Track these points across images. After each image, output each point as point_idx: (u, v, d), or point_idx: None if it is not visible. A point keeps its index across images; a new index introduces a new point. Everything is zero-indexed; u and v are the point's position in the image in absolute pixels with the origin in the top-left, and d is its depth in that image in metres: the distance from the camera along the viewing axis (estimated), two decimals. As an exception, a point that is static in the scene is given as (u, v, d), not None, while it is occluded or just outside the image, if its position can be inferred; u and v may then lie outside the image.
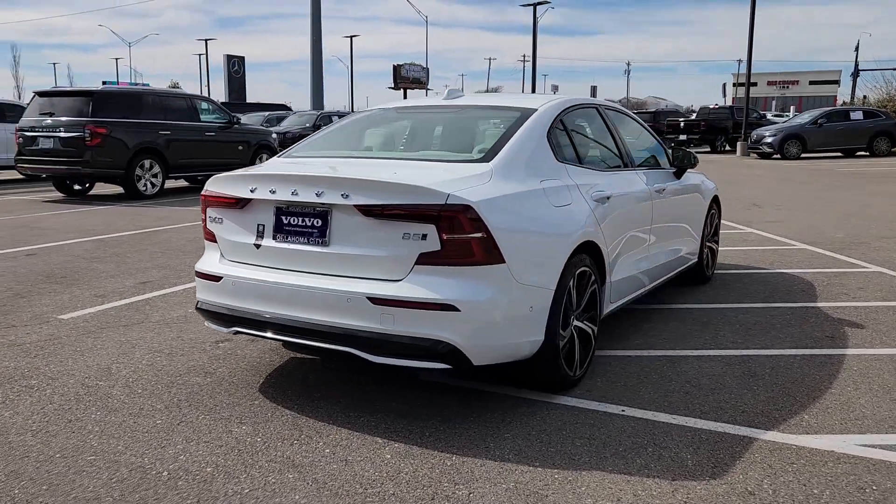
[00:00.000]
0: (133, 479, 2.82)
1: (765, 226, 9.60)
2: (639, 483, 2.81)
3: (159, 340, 4.59)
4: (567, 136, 4.12)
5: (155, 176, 13.24)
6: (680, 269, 5.59)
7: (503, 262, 3.17)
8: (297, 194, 3.31)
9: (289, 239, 3.40)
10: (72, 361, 4.19)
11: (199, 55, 61.64)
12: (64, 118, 12.46)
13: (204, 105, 14.79)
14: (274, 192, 3.39)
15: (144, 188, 13.06)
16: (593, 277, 3.86)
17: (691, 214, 5.60)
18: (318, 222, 3.31)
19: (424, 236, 3.09)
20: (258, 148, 15.51)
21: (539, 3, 39.67)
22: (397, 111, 4.56)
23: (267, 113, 29.99)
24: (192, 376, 3.95)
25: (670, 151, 5.38)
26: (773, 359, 4.26)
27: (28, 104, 13.62)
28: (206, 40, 57.87)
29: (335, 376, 3.96)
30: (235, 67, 53.72)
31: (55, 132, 12.46)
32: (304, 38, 39.79)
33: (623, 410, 3.51)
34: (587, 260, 3.78)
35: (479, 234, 3.10)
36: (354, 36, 56.92)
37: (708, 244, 6.25)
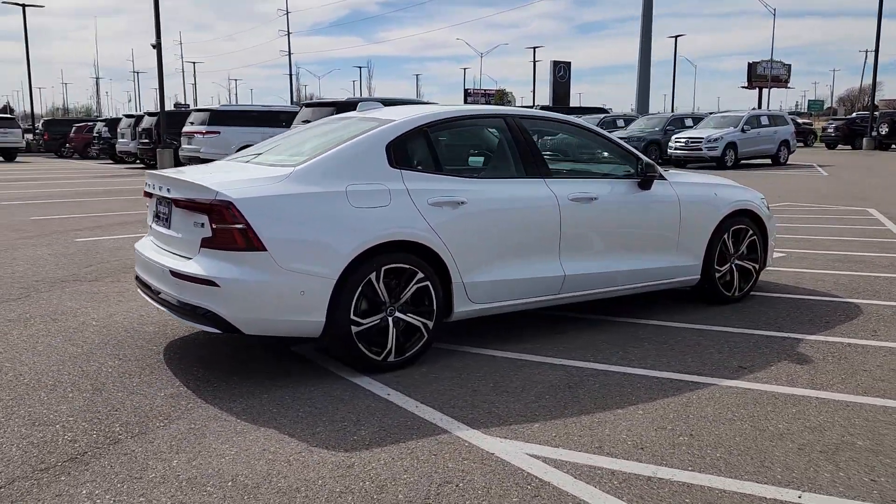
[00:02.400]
0: None
1: (952, 252, 8.04)
2: (287, 442, 3.30)
3: (177, 301, 5.90)
4: (425, 145, 4.48)
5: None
6: (661, 283, 5.39)
7: (265, 249, 3.81)
8: (156, 188, 4.32)
9: (158, 222, 4.41)
10: (103, 308, 5.69)
11: (536, 62, 65.12)
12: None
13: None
14: (150, 187, 4.43)
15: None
16: (420, 275, 4.21)
17: (674, 226, 5.34)
18: (166, 210, 4.27)
19: (203, 224, 3.88)
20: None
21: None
22: (322, 121, 5.27)
23: (602, 116, 30.32)
24: (150, 326, 5.17)
25: (639, 163, 5.23)
26: (624, 376, 4.15)
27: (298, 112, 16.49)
28: (533, 48, 61.11)
29: (247, 346, 4.83)
30: (561, 73, 55.81)
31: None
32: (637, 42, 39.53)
33: (388, 395, 3.89)
34: (410, 258, 4.16)
35: (240, 225, 3.79)
36: (679, 35, 55.37)
37: (739, 262, 5.81)
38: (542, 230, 4.71)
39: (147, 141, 23.61)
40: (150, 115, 24.52)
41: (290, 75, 77.02)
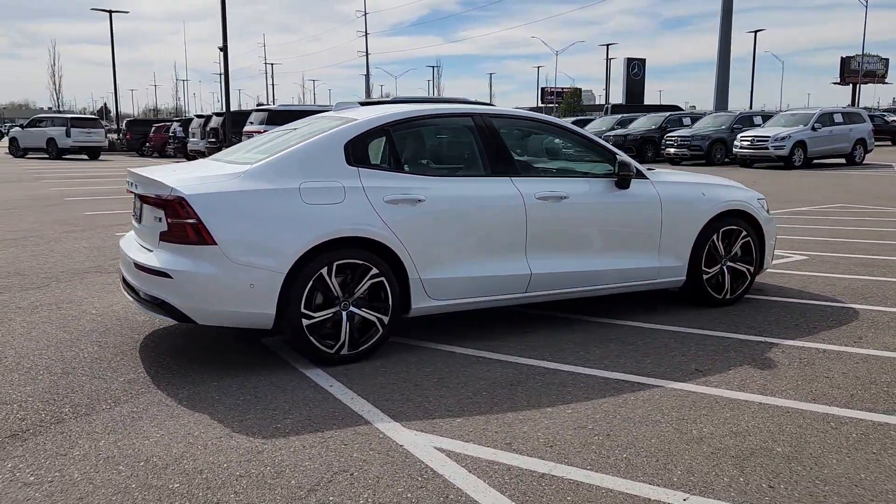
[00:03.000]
0: (-15, 362, 4.40)
1: None
2: (213, 427, 3.46)
3: (179, 292, 6.18)
4: (386, 144, 4.58)
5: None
6: (641, 283, 5.32)
7: (214, 243, 3.99)
8: (130, 185, 4.56)
9: (134, 218, 4.66)
10: (107, 298, 6.02)
11: (609, 59, 64.12)
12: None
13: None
14: (128, 184, 4.68)
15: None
16: (375, 271, 4.31)
17: (655, 226, 5.25)
18: (138, 206, 4.51)
19: (160, 219, 4.09)
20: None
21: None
22: (302, 121, 5.41)
23: (667, 114, 29.70)
24: (141, 316, 5.44)
25: (615, 161, 5.17)
26: (572, 376, 4.15)
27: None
28: (607, 45, 60.23)
29: (222, 337, 5.05)
30: (635, 70, 54.81)
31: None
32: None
33: (330, 386, 4.01)
34: (363, 254, 4.27)
35: (191, 220, 3.98)
36: (759, 31, 53.48)
37: (731, 265, 5.67)
38: (506, 228, 4.73)
39: (214, 140, 24.51)
40: (218, 115, 25.44)
41: (367, 75, 78.23)
